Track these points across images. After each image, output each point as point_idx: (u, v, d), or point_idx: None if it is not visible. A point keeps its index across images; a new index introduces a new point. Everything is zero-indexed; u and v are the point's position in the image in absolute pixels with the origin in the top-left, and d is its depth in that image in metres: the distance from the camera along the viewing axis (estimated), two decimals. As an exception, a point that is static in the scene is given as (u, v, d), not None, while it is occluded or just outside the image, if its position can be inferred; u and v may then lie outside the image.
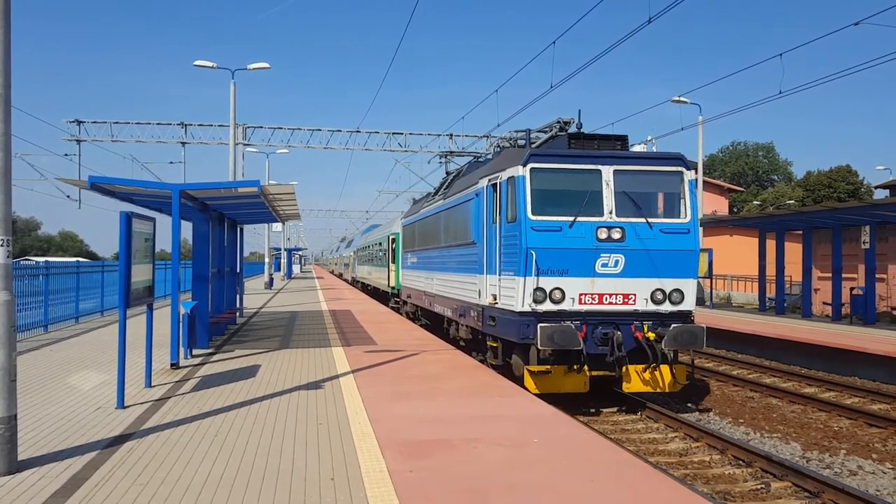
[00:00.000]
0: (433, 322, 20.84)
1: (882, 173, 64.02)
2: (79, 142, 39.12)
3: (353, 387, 10.33)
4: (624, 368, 11.48)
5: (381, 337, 16.89)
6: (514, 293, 11.48)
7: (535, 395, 10.12)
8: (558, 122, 13.43)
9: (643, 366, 11.47)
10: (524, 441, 7.36)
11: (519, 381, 11.40)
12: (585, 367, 11.28)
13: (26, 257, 77.88)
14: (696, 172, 11.56)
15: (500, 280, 12.24)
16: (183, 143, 40.33)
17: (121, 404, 8.95)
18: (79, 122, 39.24)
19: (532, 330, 11.13)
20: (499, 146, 15.43)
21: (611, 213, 11.52)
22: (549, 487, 5.87)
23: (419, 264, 21.92)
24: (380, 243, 35.06)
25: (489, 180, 12.99)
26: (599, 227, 11.39)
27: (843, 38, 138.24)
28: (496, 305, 12.39)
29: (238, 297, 21.77)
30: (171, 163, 41.64)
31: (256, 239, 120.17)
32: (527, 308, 11.29)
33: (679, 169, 12.01)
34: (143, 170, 41.61)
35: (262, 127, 41.28)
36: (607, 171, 11.68)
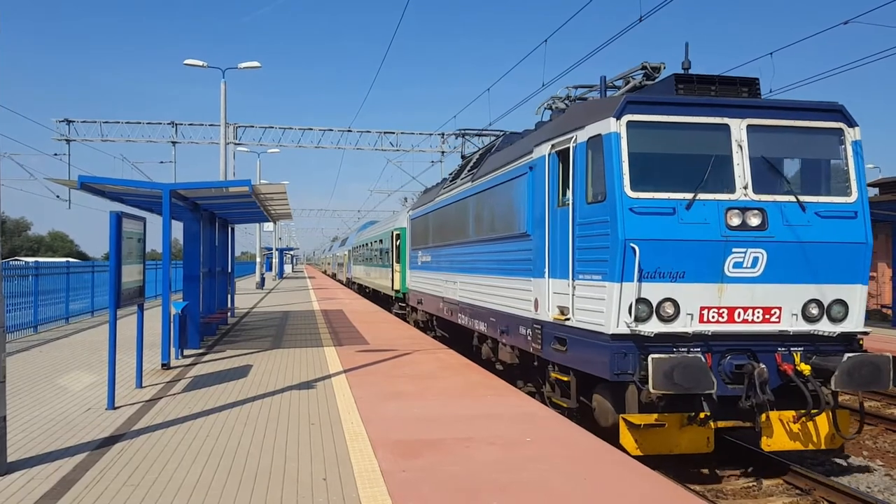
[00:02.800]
0: (454, 336, 17.14)
1: (871, 172, 64.33)
2: (68, 141, 39.01)
3: (346, 386, 10.30)
4: (763, 416, 8.00)
5: (374, 336, 16.86)
6: (603, 306, 8.07)
7: (636, 457, 7.43)
8: (643, 67, 9.90)
9: (793, 413, 8.08)
10: (517, 440, 7.36)
11: (608, 434, 8.23)
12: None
13: (16, 258, 77.53)
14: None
15: (574, 286, 8.76)
16: (173, 143, 40.28)
17: (111, 405, 8.90)
18: (68, 122, 39.11)
19: (632, 361, 7.85)
20: (552, 107, 11.59)
21: (745, 188, 8.12)
22: (542, 487, 5.87)
23: (434, 264, 18.13)
24: (380, 240, 31.10)
25: (552, 146, 9.53)
26: (730, 208, 8.03)
27: (833, 36, 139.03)
28: (567, 322, 8.91)
29: (229, 297, 21.71)
30: (162, 162, 41.70)
31: (248, 239, 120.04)
32: (622, 328, 7.86)
33: (838, 125, 8.60)
34: (133, 169, 41.63)
35: (252, 126, 41.31)
36: (738, 127, 8.29)
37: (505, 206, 11.71)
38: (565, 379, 9.43)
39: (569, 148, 9.07)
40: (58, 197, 40.82)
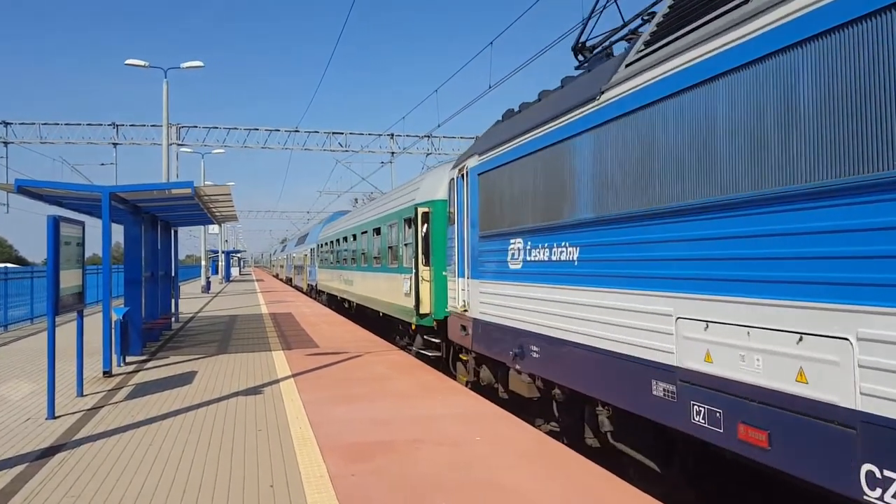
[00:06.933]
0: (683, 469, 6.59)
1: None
2: (6, 144, 37.94)
3: (294, 391, 10.20)
4: None
5: (324, 339, 16.74)
6: None
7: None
8: None
9: None
10: (467, 440, 7.39)
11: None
12: None
13: (-51, 264, 74.88)
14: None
15: None
16: (115, 145, 39.42)
17: (51, 415, 8.67)
18: (6, 124, 38.03)
19: None
20: None
21: None
22: (493, 486, 5.90)
23: (597, 266, 6.83)
24: (377, 229, 19.63)
25: None
26: None
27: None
28: None
29: (173, 301, 21.30)
30: (103, 164, 40.73)
31: (193, 241, 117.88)
32: None
33: None
34: (73, 172, 40.48)
35: (196, 126, 40.65)
36: None
37: None
38: None
39: None
40: (-6, 201, 39.56)
